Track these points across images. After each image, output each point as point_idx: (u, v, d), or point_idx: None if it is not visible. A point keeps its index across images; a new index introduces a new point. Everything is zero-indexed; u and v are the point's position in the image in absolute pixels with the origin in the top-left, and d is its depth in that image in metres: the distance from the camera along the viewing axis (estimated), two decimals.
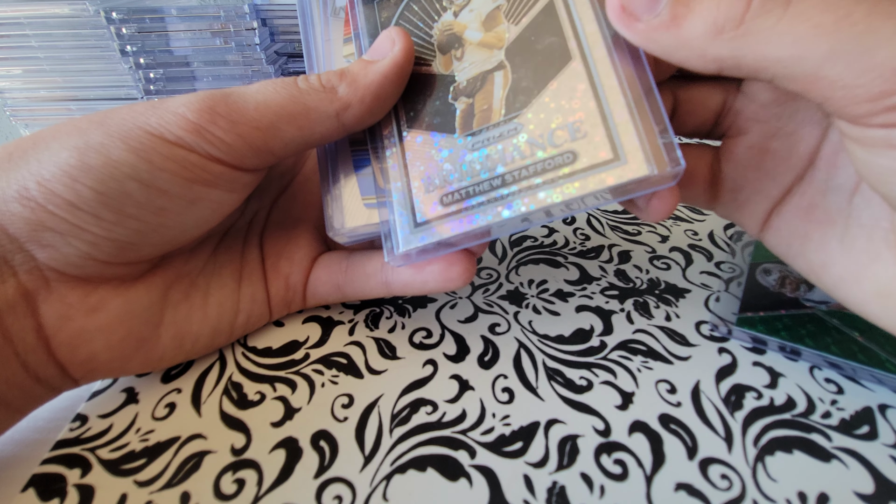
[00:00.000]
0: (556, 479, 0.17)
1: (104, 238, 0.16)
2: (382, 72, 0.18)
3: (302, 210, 0.24)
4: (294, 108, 0.17)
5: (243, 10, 0.40)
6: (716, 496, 0.16)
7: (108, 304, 0.18)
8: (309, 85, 0.18)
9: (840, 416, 0.19)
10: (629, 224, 0.31)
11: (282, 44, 0.45)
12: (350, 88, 0.18)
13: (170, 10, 0.39)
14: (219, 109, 0.17)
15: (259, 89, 0.18)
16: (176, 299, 0.20)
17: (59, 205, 0.15)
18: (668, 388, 0.20)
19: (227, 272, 0.21)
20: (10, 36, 0.40)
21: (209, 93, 0.17)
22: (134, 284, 0.18)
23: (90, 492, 0.16)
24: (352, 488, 0.16)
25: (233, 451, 0.17)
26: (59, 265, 0.17)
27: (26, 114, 0.44)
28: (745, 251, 0.27)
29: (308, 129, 0.18)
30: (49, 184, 0.15)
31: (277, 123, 0.17)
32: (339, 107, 0.18)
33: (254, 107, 0.17)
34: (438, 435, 0.18)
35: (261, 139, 0.17)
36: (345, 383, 0.20)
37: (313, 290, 0.23)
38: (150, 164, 0.16)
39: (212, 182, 0.17)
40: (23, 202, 0.15)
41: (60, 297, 0.17)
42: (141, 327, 0.18)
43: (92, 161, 0.15)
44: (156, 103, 0.17)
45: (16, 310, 0.16)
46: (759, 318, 0.22)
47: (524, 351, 0.21)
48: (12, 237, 0.16)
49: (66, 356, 0.17)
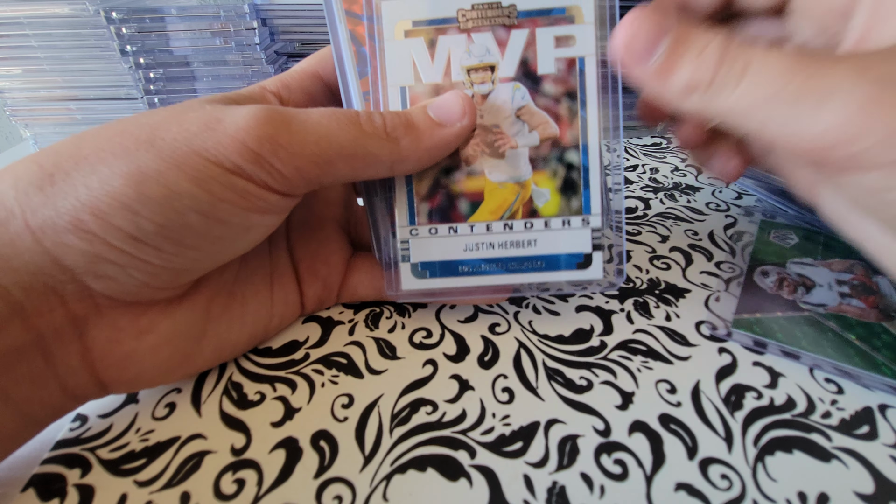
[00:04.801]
0: (556, 479, 0.17)
1: (162, 268, 0.16)
2: (448, 140, 0.18)
3: (325, 208, 0.24)
4: (354, 150, 0.17)
5: (243, 10, 0.40)
6: (716, 496, 0.16)
7: (156, 327, 0.17)
8: (374, 128, 0.17)
9: (840, 416, 0.19)
10: (629, 224, 0.31)
11: (282, 44, 0.45)
12: (413, 145, 0.18)
13: (170, 9, 0.39)
14: (281, 140, 0.16)
15: (322, 121, 0.17)
16: (217, 313, 0.19)
17: (119, 238, 0.15)
18: (668, 388, 0.20)
19: (259, 278, 0.21)
20: (10, 36, 0.40)
21: (267, 115, 0.16)
22: (180, 304, 0.18)
23: (90, 492, 0.16)
24: (352, 488, 0.16)
25: (233, 451, 0.17)
26: (115, 294, 0.16)
27: (26, 114, 0.44)
28: (745, 251, 0.27)
29: (361, 171, 0.18)
30: (108, 217, 0.15)
31: (335, 161, 0.17)
32: (397, 159, 0.18)
33: (315, 140, 0.17)
34: (438, 435, 0.18)
35: (315, 173, 0.17)
36: (345, 383, 0.20)
37: (352, 291, 0.24)
38: (210, 195, 0.15)
39: (266, 209, 0.17)
40: (79, 234, 0.15)
41: (111, 322, 0.17)
42: (186, 344, 0.18)
43: (151, 192, 0.15)
44: (209, 121, 0.16)
45: (62, 336, 0.16)
46: (755, 321, 0.22)
47: (524, 351, 0.21)
48: (65, 268, 0.15)
49: (112, 376, 0.17)
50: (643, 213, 0.32)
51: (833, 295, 0.23)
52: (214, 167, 0.15)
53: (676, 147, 0.24)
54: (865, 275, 0.24)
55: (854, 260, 0.25)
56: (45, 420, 0.16)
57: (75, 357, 0.16)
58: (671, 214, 0.32)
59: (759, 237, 0.28)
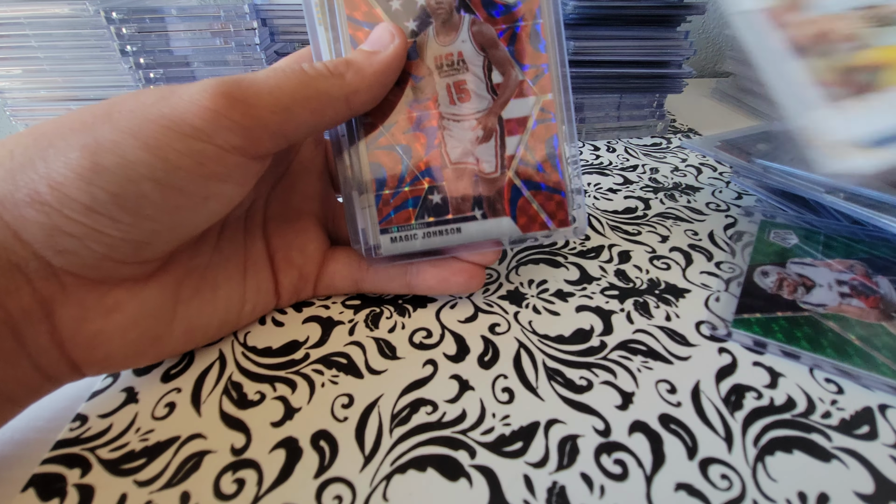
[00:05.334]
0: (556, 479, 0.17)
1: (121, 239, 0.16)
2: (386, 61, 0.19)
3: (302, 201, 0.24)
4: (307, 91, 0.18)
5: (243, 10, 0.40)
6: (716, 496, 0.16)
7: (123, 305, 0.18)
8: (317, 71, 0.18)
9: (840, 416, 0.19)
10: (629, 224, 0.31)
11: (282, 44, 0.45)
12: (358, 76, 0.19)
13: (170, 10, 0.39)
14: (235, 94, 0.16)
15: (269, 75, 0.18)
16: (187, 295, 0.20)
17: (75, 209, 0.15)
18: (668, 388, 0.20)
19: (232, 265, 0.22)
20: (10, 36, 0.40)
21: (219, 80, 0.17)
22: (147, 284, 0.18)
23: (90, 492, 0.16)
24: (352, 488, 0.16)
25: (233, 451, 0.17)
26: (76, 268, 0.16)
27: (26, 114, 0.44)
28: (744, 251, 0.27)
29: (320, 113, 0.18)
30: (63, 187, 0.15)
31: (292, 107, 0.18)
32: (349, 91, 0.19)
33: (268, 91, 0.17)
34: (438, 435, 0.18)
35: (276, 122, 0.17)
36: (345, 383, 0.20)
37: (328, 282, 0.24)
38: (165, 163, 0.16)
39: (226, 176, 0.17)
40: (35, 206, 0.15)
41: (77, 300, 0.17)
42: (155, 325, 0.19)
43: (106, 161, 0.15)
44: (163, 92, 0.16)
45: (31, 316, 0.16)
46: (755, 321, 0.22)
47: (524, 351, 0.21)
48: (25, 243, 0.15)
49: (82, 356, 0.17)
50: (643, 213, 0.32)
51: (833, 295, 0.23)
52: (170, 132, 0.16)
53: None
54: (865, 275, 0.24)
55: (854, 260, 0.25)
56: (23, 399, 0.17)
57: (44, 336, 0.16)
58: (671, 214, 0.32)
59: (759, 237, 0.28)
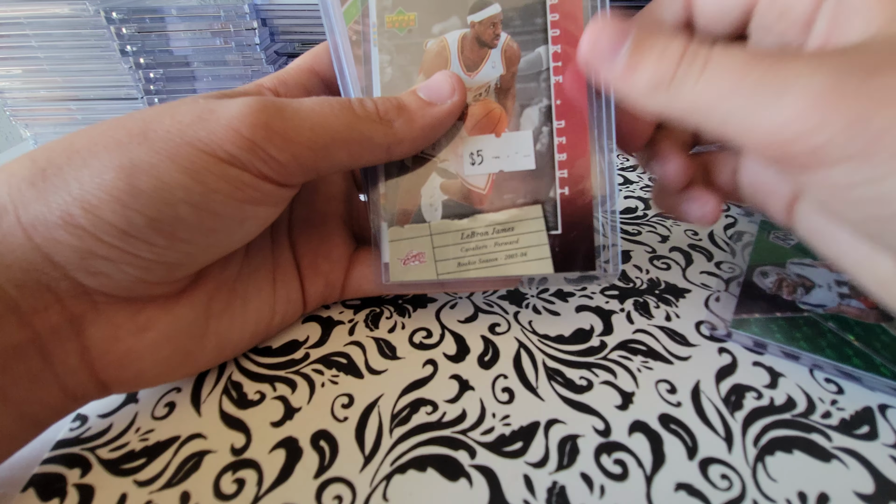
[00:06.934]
0: (556, 479, 0.17)
1: (155, 262, 0.16)
2: (440, 118, 0.18)
3: (326, 203, 0.24)
4: (349, 134, 0.17)
5: (243, 10, 0.40)
6: (716, 496, 0.16)
7: (156, 323, 0.17)
8: (367, 112, 0.18)
9: (840, 416, 0.19)
10: (629, 224, 0.31)
11: (282, 44, 0.45)
12: (407, 126, 0.18)
13: (170, 10, 0.39)
14: (274, 126, 0.16)
15: (315, 108, 0.17)
16: (218, 310, 0.19)
17: (109, 232, 0.15)
18: (668, 388, 0.20)
19: (261, 275, 0.21)
20: (10, 36, 0.40)
21: (261, 104, 0.16)
22: (179, 301, 0.18)
23: (90, 491, 0.16)
24: (352, 488, 0.16)
25: (233, 451, 0.17)
26: (108, 289, 0.16)
27: (26, 114, 0.44)
28: (744, 251, 0.27)
29: (357, 156, 0.18)
30: (97, 210, 0.14)
31: (331, 146, 0.17)
32: (393, 141, 0.18)
33: (309, 126, 0.16)
34: (438, 435, 0.18)
35: (312, 160, 0.17)
36: (345, 383, 0.20)
37: (356, 287, 0.23)
38: (203, 186, 0.15)
39: (261, 200, 0.17)
40: (69, 229, 0.14)
41: (108, 319, 0.16)
42: (187, 342, 0.18)
43: (142, 184, 0.15)
44: (202, 113, 0.16)
45: (59, 334, 0.16)
46: (754, 321, 0.22)
47: (524, 351, 0.21)
48: (57, 265, 0.15)
49: (112, 375, 0.17)
50: (643, 213, 0.32)
51: (832, 295, 0.23)
52: (207, 157, 0.15)
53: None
54: None
55: None
56: (46, 421, 0.16)
57: (74, 356, 0.16)
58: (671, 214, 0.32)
59: (759, 237, 0.28)
